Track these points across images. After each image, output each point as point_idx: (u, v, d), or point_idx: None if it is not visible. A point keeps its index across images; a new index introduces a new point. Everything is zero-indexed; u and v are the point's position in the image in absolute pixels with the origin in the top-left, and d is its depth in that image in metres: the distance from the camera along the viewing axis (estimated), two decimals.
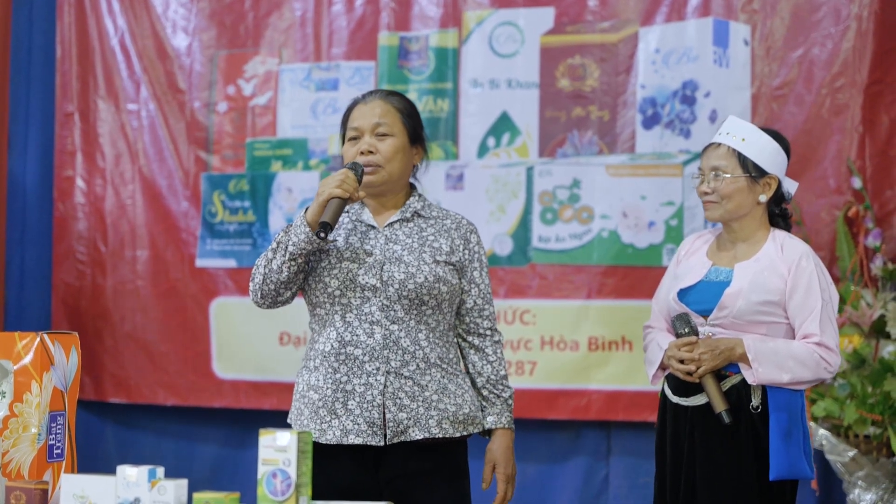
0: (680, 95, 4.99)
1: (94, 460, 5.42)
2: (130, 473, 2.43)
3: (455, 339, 3.15)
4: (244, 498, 2.47)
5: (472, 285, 3.12)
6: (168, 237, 5.61)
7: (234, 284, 5.51)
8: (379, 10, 5.37)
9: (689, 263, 3.39)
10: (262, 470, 2.41)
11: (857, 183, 4.74)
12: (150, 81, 5.63)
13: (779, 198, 3.34)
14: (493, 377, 3.14)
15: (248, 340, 5.48)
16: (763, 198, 3.30)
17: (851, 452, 4.47)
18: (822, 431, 4.51)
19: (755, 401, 3.21)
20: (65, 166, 5.75)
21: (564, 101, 5.15)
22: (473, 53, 5.25)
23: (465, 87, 5.26)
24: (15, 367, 2.65)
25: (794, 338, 3.24)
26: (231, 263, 5.52)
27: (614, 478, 5.08)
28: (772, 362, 3.17)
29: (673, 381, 3.33)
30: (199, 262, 5.57)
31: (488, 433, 3.15)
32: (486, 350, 3.14)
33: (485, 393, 3.14)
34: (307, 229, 2.94)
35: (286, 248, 2.98)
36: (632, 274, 4.99)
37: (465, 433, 3.07)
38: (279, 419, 5.35)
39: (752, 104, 4.91)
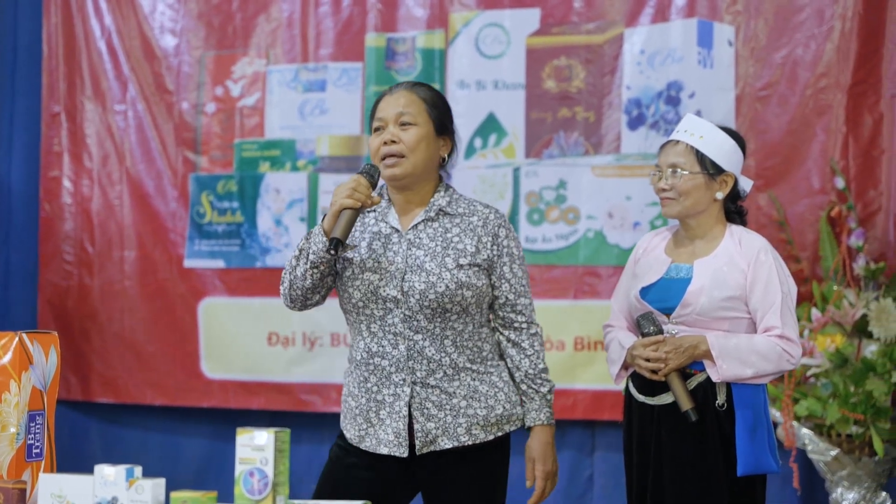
0: (664, 96, 5.00)
1: (80, 460, 5.42)
2: (108, 473, 2.44)
3: (490, 332, 3.11)
4: (223, 497, 2.48)
5: (503, 281, 3.07)
6: (156, 238, 5.62)
7: (222, 285, 5.52)
8: (366, 11, 5.38)
9: (647, 261, 3.41)
10: (240, 469, 2.42)
11: (840, 183, 4.76)
12: (137, 82, 5.64)
13: (734, 195, 3.37)
14: (530, 371, 3.10)
15: (237, 340, 5.49)
16: (720, 195, 3.32)
17: (834, 451, 4.48)
18: (804, 431, 4.52)
19: (720, 398, 3.23)
20: (51, 167, 5.76)
21: (550, 102, 5.16)
22: (460, 55, 5.27)
23: (452, 88, 5.27)
24: None
25: (755, 332, 3.26)
26: (219, 264, 5.53)
27: (599, 476, 5.10)
28: (735, 358, 3.19)
29: (638, 380, 3.35)
30: (188, 263, 5.58)
31: (529, 429, 3.12)
32: (523, 344, 3.10)
33: (523, 388, 3.10)
34: (324, 238, 2.92)
35: (307, 256, 2.98)
36: (617, 274, 4.94)
37: (499, 433, 3.05)
38: (267, 419, 5.39)
39: (735, 105, 4.93)
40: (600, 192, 5.07)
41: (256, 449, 2.41)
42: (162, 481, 2.45)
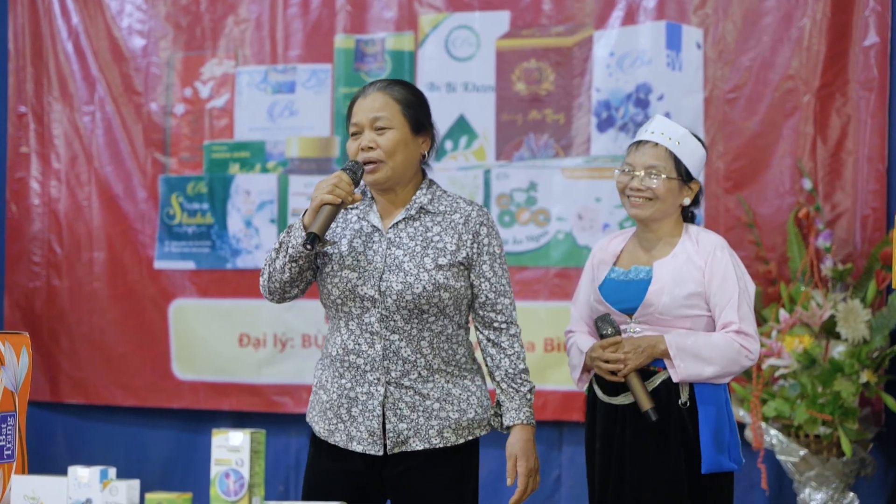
0: (634, 99, 5.03)
1: (47, 460, 5.39)
2: (82, 474, 2.43)
3: (466, 336, 3.11)
4: (195, 498, 2.47)
5: (483, 279, 3.05)
6: (125, 239, 5.59)
7: (193, 286, 5.50)
8: (335, 12, 5.37)
9: (603, 264, 3.46)
10: (215, 470, 2.41)
11: (807, 185, 4.80)
12: (105, 83, 5.61)
13: (695, 200, 3.41)
14: (510, 371, 3.08)
15: (208, 342, 5.48)
16: (687, 201, 3.37)
17: (802, 452, 4.51)
18: (772, 431, 4.55)
19: (683, 397, 3.26)
20: (18, 167, 5.72)
21: (520, 104, 5.18)
22: (430, 57, 5.27)
23: (422, 90, 5.26)
24: None
25: (715, 329, 3.29)
26: (190, 265, 5.52)
27: (567, 477, 5.11)
28: (693, 356, 3.21)
29: (601, 381, 3.36)
30: (158, 264, 5.56)
31: (508, 429, 3.09)
32: (503, 344, 3.08)
33: (503, 387, 3.08)
34: (303, 233, 2.90)
35: (287, 249, 2.97)
36: None
37: (469, 438, 3.05)
38: (233, 419, 5.38)
39: (704, 107, 4.96)
40: (570, 194, 5.09)
41: (232, 450, 2.41)
42: (136, 483, 2.44)
